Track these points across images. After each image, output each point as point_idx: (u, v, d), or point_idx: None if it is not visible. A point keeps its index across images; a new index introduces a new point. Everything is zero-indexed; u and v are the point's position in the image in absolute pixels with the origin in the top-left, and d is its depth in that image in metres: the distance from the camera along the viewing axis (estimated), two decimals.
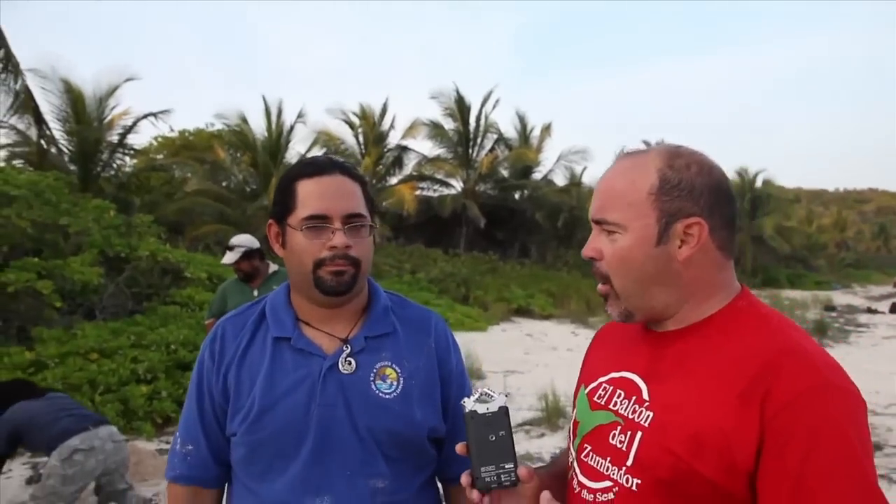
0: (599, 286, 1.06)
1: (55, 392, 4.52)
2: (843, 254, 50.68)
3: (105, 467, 3.93)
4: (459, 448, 1.05)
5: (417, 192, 25.09)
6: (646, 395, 1.01)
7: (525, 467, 1.03)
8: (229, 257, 4.63)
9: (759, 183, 34.68)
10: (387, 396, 1.27)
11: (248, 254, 4.58)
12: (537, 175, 26.94)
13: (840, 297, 25.73)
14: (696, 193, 0.99)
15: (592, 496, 1.02)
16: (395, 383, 1.28)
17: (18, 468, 4.82)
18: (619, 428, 1.02)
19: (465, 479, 1.02)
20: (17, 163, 15.65)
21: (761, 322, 0.99)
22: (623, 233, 1.01)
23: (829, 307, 20.51)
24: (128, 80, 17.02)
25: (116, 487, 4.05)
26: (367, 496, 1.23)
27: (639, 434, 0.98)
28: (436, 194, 26.81)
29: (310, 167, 1.30)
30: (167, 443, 5.58)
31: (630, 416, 1.01)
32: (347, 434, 1.24)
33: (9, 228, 7.14)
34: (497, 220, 25.02)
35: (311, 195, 1.25)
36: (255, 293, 4.55)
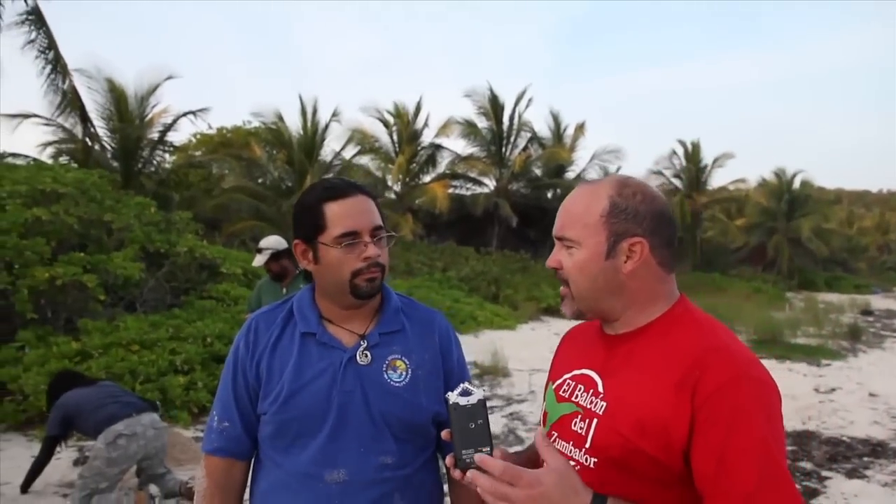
0: (561, 289, 1.26)
1: (105, 381, 4.83)
2: (885, 257, 49.42)
3: (146, 452, 4.19)
4: (444, 434, 1.21)
5: (450, 191, 25.24)
6: (601, 388, 1.20)
7: (500, 450, 1.19)
8: (258, 260, 4.87)
9: (796, 184, 34.06)
10: (397, 385, 1.46)
11: (276, 255, 4.80)
12: (570, 174, 26.88)
13: (879, 302, 25.22)
14: (640, 217, 1.18)
15: (565, 458, 1.18)
16: (404, 373, 1.48)
17: (67, 451, 5.11)
18: (579, 416, 1.20)
19: (449, 460, 1.19)
20: (64, 159, 16.22)
21: (694, 325, 1.18)
22: (579, 248, 1.20)
23: (867, 311, 20.15)
24: (168, 78, 17.48)
25: (156, 471, 4.31)
26: (376, 470, 1.42)
27: (595, 421, 1.17)
28: (468, 193, 26.93)
29: (333, 191, 1.48)
30: (202, 431, 5.85)
31: (588, 406, 1.20)
32: (362, 416, 1.43)
33: (57, 224, 7.47)
34: (529, 219, 25.05)
35: (340, 216, 1.44)
36: (284, 291, 4.77)
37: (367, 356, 1.47)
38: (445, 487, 1.56)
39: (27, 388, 5.65)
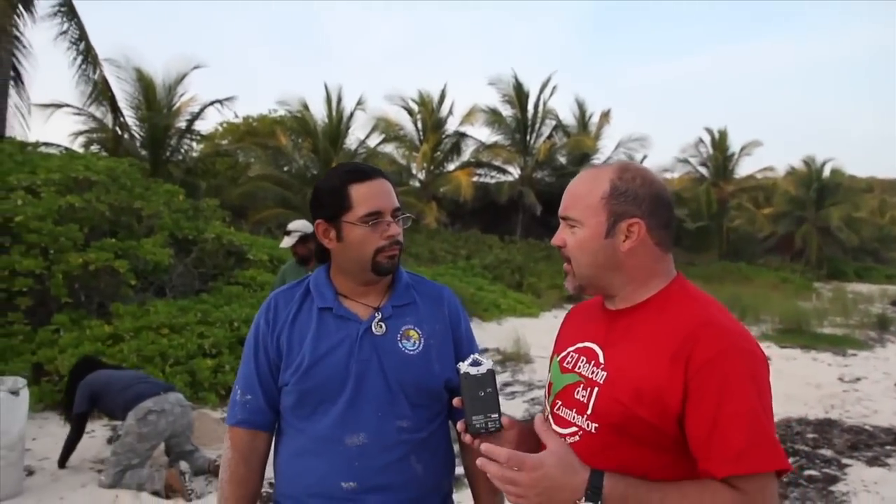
0: (565, 266, 1.34)
1: (127, 368, 5.08)
2: None
3: (173, 430, 4.35)
4: (456, 402, 1.32)
5: (474, 179, 25.28)
6: (602, 359, 1.28)
7: (507, 417, 1.31)
8: (286, 241, 4.98)
9: (826, 172, 33.45)
10: (411, 353, 1.56)
11: (304, 238, 4.91)
12: (595, 162, 26.73)
13: None
14: (639, 200, 1.27)
15: (563, 440, 1.28)
16: (417, 342, 1.57)
17: (100, 429, 5.30)
18: (581, 385, 1.29)
19: (460, 426, 1.31)
20: (94, 148, 16.54)
21: (688, 301, 1.26)
22: (581, 227, 1.30)
23: None
24: (195, 67, 17.73)
25: (184, 448, 4.47)
26: (393, 433, 1.52)
27: (596, 389, 1.26)
28: (493, 181, 26.94)
29: (357, 174, 1.57)
30: None
31: (590, 376, 1.28)
32: (379, 383, 1.52)
33: (90, 211, 7.67)
34: (554, 207, 24.13)
35: (365, 196, 1.54)
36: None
37: (382, 327, 1.56)
38: (456, 448, 1.64)
39: (63, 370, 5.84)
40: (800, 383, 7.90)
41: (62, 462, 4.58)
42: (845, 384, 8.07)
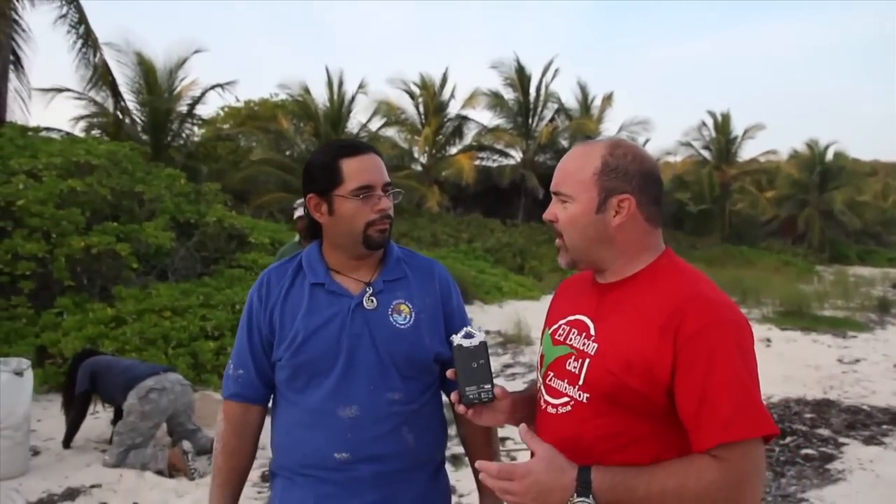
0: (557, 241, 1.37)
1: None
2: None
3: (175, 408, 4.42)
4: (449, 373, 1.36)
5: (476, 163, 25.23)
6: (592, 332, 1.31)
7: (500, 387, 1.34)
8: (300, 211, 4.96)
9: (829, 155, 33.34)
10: (402, 327, 1.58)
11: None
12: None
13: None
14: (629, 176, 1.29)
15: (555, 410, 1.33)
16: (408, 316, 1.59)
17: (104, 411, 5.35)
18: (573, 357, 1.32)
19: (454, 396, 1.35)
20: (95, 133, 16.54)
21: (677, 275, 1.29)
22: (572, 202, 1.31)
23: None
24: (196, 52, 17.68)
25: (186, 427, 4.53)
26: (385, 405, 1.54)
27: (587, 361, 1.28)
28: (495, 164, 26.91)
29: (348, 149, 1.59)
30: None
31: (581, 348, 1.31)
32: (371, 357, 1.55)
33: (91, 195, 7.69)
34: None
35: (356, 170, 1.55)
36: None
37: (373, 301, 1.58)
38: (450, 415, 1.67)
39: (66, 352, 5.89)
40: (799, 365, 7.94)
41: (66, 442, 4.64)
42: (844, 365, 8.10)
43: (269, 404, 1.70)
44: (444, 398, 1.64)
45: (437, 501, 1.67)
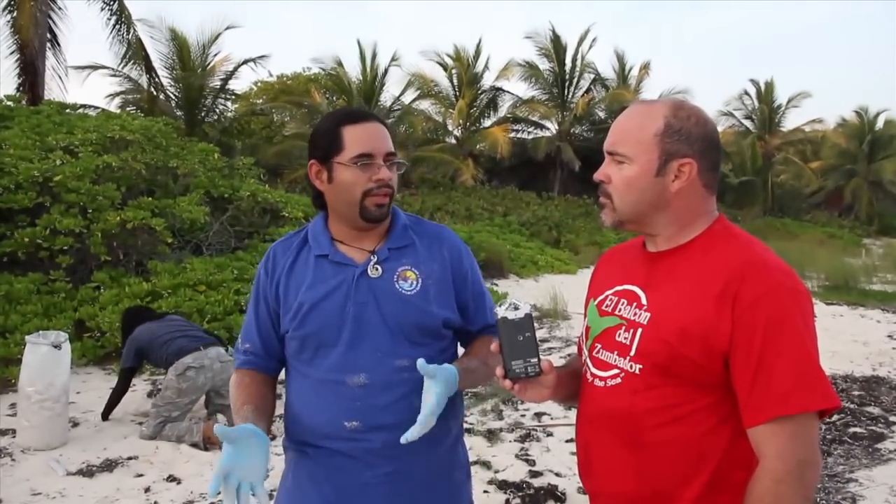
0: (601, 199, 1.32)
1: (172, 315, 5.10)
2: None
3: (213, 384, 4.41)
4: (494, 347, 1.30)
5: (511, 135, 24.98)
6: (644, 301, 1.27)
7: (547, 361, 1.27)
8: None
9: (880, 123, 32.09)
10: (409, 293, 1.55)
11: None
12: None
13: None
14: (692, 140, 1.24)
15: (603, 383, 1.29)
16: (415, 283, 1.56)
17: (141, 384, 5.41)
18: (623, 328, 1.28)
19: (499, 371, 1.29)
20: (130, 109, 16.71)
21: (732, 241, 1.25)
22: (630, 164, 1.26)
23: None
24: (228, 27, 17.70)
25: (224, 402, 4.52)
26: (394, 373, 1.51)
27: (639, 331, 1.25)
28: (530, 137, 26.58)
29: (351, 116, 1.56)
30: None
31: (632, 318, 1.28)
32: (378, 324, 1.52)
33: (126, 170, 7.74)
34: (592, 163, 24.48)
35: (357, 138, 1.52)
36: None
37: (377, 269, 1.55)
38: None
39: (104, 326, 5.96)
40: (846, 340, 7.68)
41: (105, 414, 4.69)
42: (895, 342, 7.82)
43: (283, 377, 1.68)
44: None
45: (456, 475, 1.63)
